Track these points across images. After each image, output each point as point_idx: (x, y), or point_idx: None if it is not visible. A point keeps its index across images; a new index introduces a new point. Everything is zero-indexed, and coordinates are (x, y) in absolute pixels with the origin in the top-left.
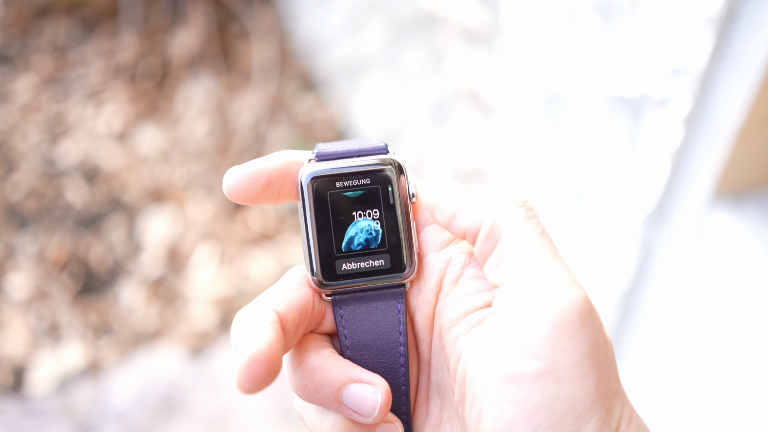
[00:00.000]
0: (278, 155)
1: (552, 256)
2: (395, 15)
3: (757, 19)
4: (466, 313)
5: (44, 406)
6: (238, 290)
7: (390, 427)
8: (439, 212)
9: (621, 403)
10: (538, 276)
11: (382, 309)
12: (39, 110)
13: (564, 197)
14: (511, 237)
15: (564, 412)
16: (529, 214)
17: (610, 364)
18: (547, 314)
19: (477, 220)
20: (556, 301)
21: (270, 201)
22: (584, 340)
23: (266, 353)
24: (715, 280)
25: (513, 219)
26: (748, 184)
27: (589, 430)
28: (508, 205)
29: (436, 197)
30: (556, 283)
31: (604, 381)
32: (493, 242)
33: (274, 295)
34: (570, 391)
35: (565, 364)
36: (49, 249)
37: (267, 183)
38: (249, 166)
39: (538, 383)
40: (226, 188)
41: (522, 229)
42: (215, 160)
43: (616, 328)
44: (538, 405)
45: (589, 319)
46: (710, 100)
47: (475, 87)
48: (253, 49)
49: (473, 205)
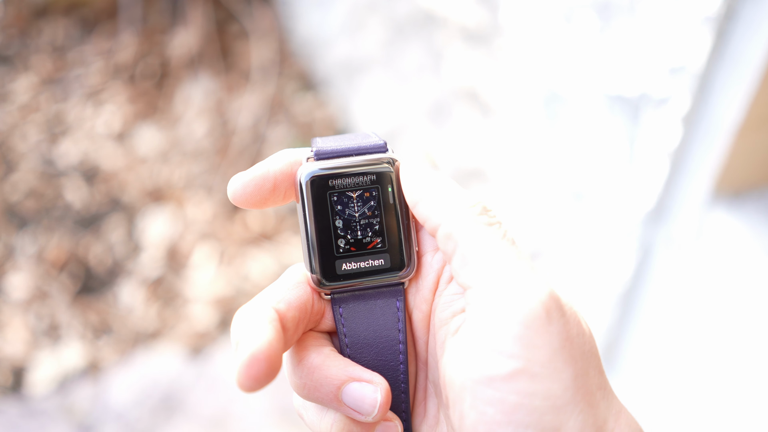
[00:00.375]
0: (280, 156)
1: (515, 257)
2: (394, 15)
3: (755, 18)
4: (453, 315)
5: (44, 406)
6: (238, 290)
7: (389, 426)
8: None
9: (607, 399)
10: (502, 276)
11: (381, 307)
12: (38, 110)
13: (563, 196)
14: (471, 241)
15: (544, 408)
16: (486, 219)
17: (587, 357)
18: (516, 313)
19: (435, 221)
20: (522, 301)
21: (276, 203)
22: (555, 335)
23: (266, 351)
24: (714, 280)
25: (470, 223)
26: (747, 183)
27: (572, 424)
28: (463, 209)
29: (403, 182)
30: (521, 283)
31: (581, 374)
32: (454, 244)
33: (273, 294)
34: (547, 387)
35: (539, 360)
36: (49, 249)
37: (273, 187)
38: (254, 171)
39: (514, 382)
40: (232, 195)
41: (481, 233)
42: (214, 160)
43: (615, 327)
44: (517, 404)
45: (556, 314)
46: (709, 99)
47: (474, 86)
48: (252, 49)
49: (432, 200)
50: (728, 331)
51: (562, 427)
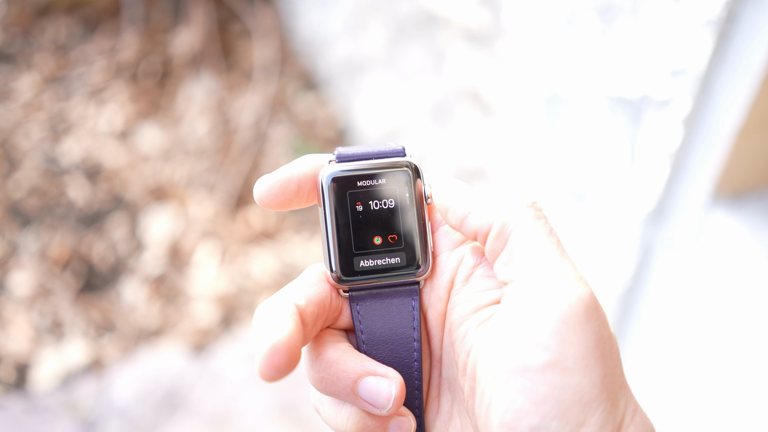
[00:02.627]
0: (303, 160)
1: (560, 254)
2: (396, 15)
3: (756, 21)
4: (476, 309)
5: (47, 403)
6: (240, 288)
7: (403, 420)
8: (451, 214)
9: (626, 397)
10: (546, 273)
11: (397, 305)
12: (41, 109)
13: (564, 197)
14: (520, 236)
15: (571, 402)
16: (537, 214)
17: (614, 358)
18: (555, 309)
19: (488, 220)
20: (563, 297)
21: (300, 205)
22: (590, 334)
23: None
24: (714, 280)
25: (522, 218)
26: (747, 184)
27: (594, 420)
28: (517, 206)
29: (448, 200)
30: (564, 280)
31: (609, 373)
32: (503, 241)
33: (294, 290)
34: (577, 382)
35: (572, 356)
36: (52, 247)
37: (297, 188)
38: (279, 174)
39: (546, 374)
40: (259, 197)
41: (531, 228)
42: (216, 158)
43: (616, 326)
44: (546, 395)
45: (594, 314)
46: (710, 101)
47: (476, 87)
48: (254, 48)
49: (484, 206)
50: (727, 332)
51: (586, 421)
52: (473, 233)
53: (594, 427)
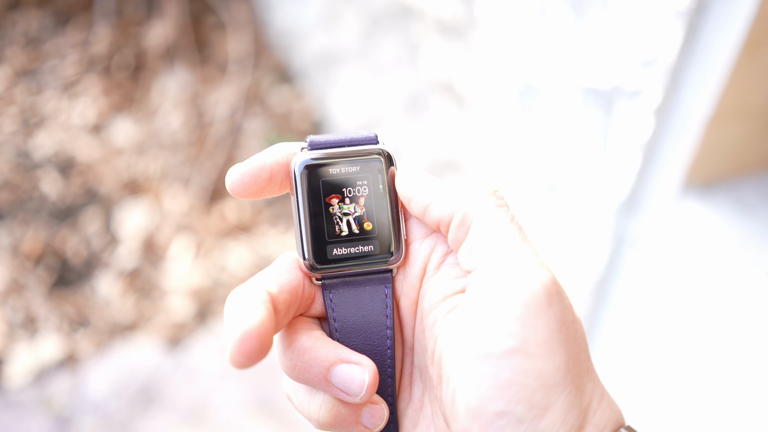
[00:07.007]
0: (276, 148)
1: (521, 241)
2: (370, 7)
3: (725, 12)
4: (444, 297)
5: (21, 399)
6: (215, 281)
7: (376, 408)
8: (414, 204)
9: (592, 382)
10: (507, 259)
11: (370, 293)
12: (12, 102)
13: (538, 187)
14: (481, 224)
15: (535, 386)
16: (499, 202)
17: (579, 342)
18: (518, 294)
19: (449, 210)
20: (525, 282)
21: (273, 193)
22: (552, 318)
23: (258, 330)
24: (686, 269)
25: (483, 207)
26: (717, 174)
27: (560, 404)
28: (479, 194)
29: (410, 190)
30: (525, 266)
31: (573, 357)
32: (465, 230)
33: (266, 277)
34: (540, 367)
35: (535, 340)
36: (24, 241)
37: (270, 177)
38: (251, 162)
39: (510, 359)
40: (230, 185)
41: (492, 216)
42: (191, 152)
43: (589, 315)
44: (510, 380)
45: (557, 299)
46: (680, 92)
47: (450, 79)
48: (228, 41)
49: (446, 195)
50: (699, 320)
51: (551, 405)
52: (436, 223)
53: (559, 411)
